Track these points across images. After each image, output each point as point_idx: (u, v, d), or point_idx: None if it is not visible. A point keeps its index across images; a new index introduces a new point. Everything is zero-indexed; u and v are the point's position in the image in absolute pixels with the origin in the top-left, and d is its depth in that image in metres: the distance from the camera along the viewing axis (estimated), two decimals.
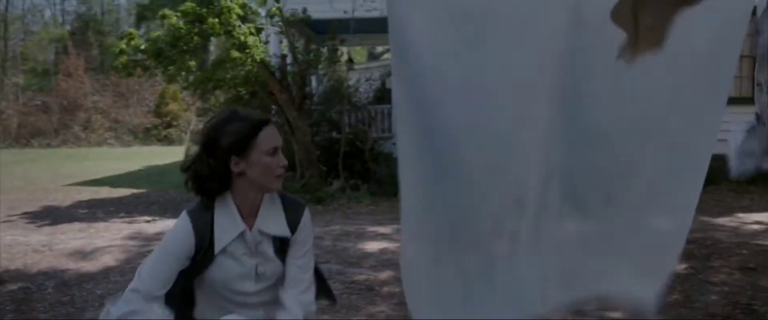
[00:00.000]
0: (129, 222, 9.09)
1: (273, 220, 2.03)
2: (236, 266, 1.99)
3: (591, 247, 2.85)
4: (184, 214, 1.95)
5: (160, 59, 10.72)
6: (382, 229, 8.01)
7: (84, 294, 5.47)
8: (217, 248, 1.95)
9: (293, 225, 2.06)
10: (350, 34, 11.88)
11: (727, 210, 8.87)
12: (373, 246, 7.03)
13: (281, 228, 2.05)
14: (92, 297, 5.37)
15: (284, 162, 1.98)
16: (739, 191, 10.27)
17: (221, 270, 1.98)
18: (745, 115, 4.26)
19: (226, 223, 1.96)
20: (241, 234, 1.97)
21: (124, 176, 16.48)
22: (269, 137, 1.94)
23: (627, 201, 2.77)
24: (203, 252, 1.94)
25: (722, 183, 10.70)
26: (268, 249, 2.03)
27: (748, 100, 4.38)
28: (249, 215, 1.99)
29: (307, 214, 2.11)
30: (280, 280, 2.08)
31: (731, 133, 3.22)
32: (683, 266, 5.86)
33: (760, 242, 6.78)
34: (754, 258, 6.08)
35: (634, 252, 2.87)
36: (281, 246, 2.05)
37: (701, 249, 6.47)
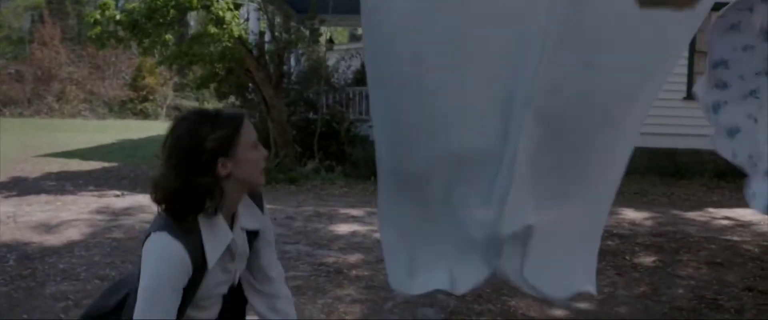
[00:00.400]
0: (98, 196, 8.94)
1: (250, 214, 1.91)
2: (222, 274, 1.84)
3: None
4: (168, 238, 1.66)
5: (136, 31, 10.52)
6: (354, 211, 7.96)
7: (46, 267, 5.35)
8: (210, 264, 1.75)
9: (262, 212, 1.97)
10: (329, 13, 11.75)
11: (698, 205, 8.95)
12: (344, 228, 6.98)
13: (258, 220, 1.94)
14: (54, 271, 5.26)
15: (265, 152, 1.84)
16: (710, 186, 10.36)
17: (207, 283, 1.80)
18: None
19: (216, 235, 1.76)
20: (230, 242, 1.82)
21: (96, 149, 16.25)
22: (250, 130, 1.78)
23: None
24: (197, 274, 1.73)
25: (694, 178, 10.80)
26: (247, 244, 1.92)
27: None
28: (230, 217, 1.83)
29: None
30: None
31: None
32: (652, 258, 5.90)
33: (729, 237, 6.84)
34: (722, 254, 6.13)
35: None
36: (251, 237, 1.94)
37: (671, 243, 6.51)
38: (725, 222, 7.75)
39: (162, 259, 1.66)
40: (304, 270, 5.36)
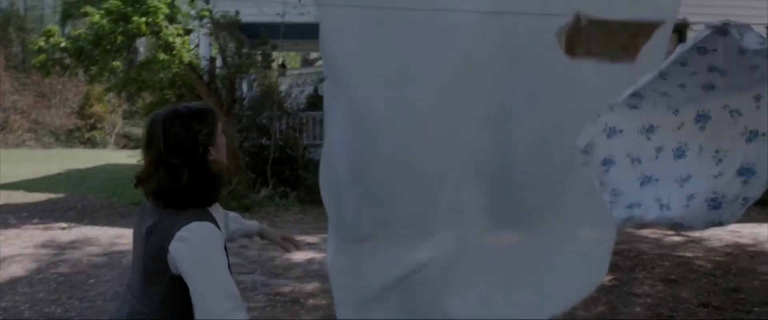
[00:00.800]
0: (43, 229, 8.62)
1: None
2: None
3: (518, 260, 2.86)
4: (200, 223, 1.81)
5: (82, 58, 10.29)
6: (309, 238, 7.84)
7: None
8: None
9: None
10: (281, 39, 11.68)
11: None
12: (299, 256, 6.85)
13: None
14: None
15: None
16: None
17: None
18: None
19: (217, 212, 1.97)
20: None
21: (41, 180, 15.71)
22: (218, 118, 1.99)
23: (558, 214, 2.80)
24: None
25: None
26: None
27: None
28: None
29: None
30: None
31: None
32: (608, 277, 5.92)
33: (681, 254, 6.94)
34: (675, 270, 6.21)
35: (565, 263, 2.88)
36: None
37: (626, 261, 6.57)
38: (677, 238, 7.88)
39: (207, 244, 1.80)
40: (260, 300, 5.22)
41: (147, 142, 1.86)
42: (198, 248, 1.78)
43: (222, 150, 1.96)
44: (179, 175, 1.81)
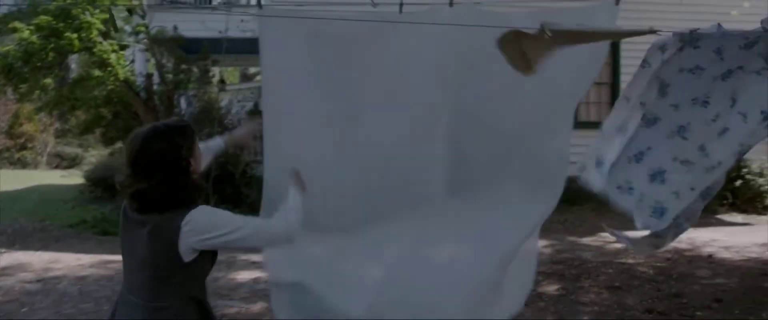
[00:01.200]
0: None
1: None
2: None
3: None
4: (196, 210, 2.07)
5: (11, 76, 9.91)
6: (254, 257, 7.66)
7: None
8: None
9: None
10: (223, 54, 11.50)
11: (591, 230, 9.24)
12: (244, 275, 6.71)
13: None
14: None
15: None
16: (600, 211, 10.72)
17: None
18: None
19: None
20: None
21: None
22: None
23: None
24: None
25: (585, 204, 11.18)
26: None
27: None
28: None
29: None
30: None
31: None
32: (555, 287, 5.99)
33: (623, 260, 7.07)
34: (619, 277, 6.32)
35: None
36: None
37: (571, 270, 6.65)
38: (618, 245, 8.01)
39: (211, 215, 2.10)
40: None
41: (131, 159, 2.07)
42: (209, 222, 2.07)
43: (200, 161, 2.22)
44: (160, 187, 2.04)
